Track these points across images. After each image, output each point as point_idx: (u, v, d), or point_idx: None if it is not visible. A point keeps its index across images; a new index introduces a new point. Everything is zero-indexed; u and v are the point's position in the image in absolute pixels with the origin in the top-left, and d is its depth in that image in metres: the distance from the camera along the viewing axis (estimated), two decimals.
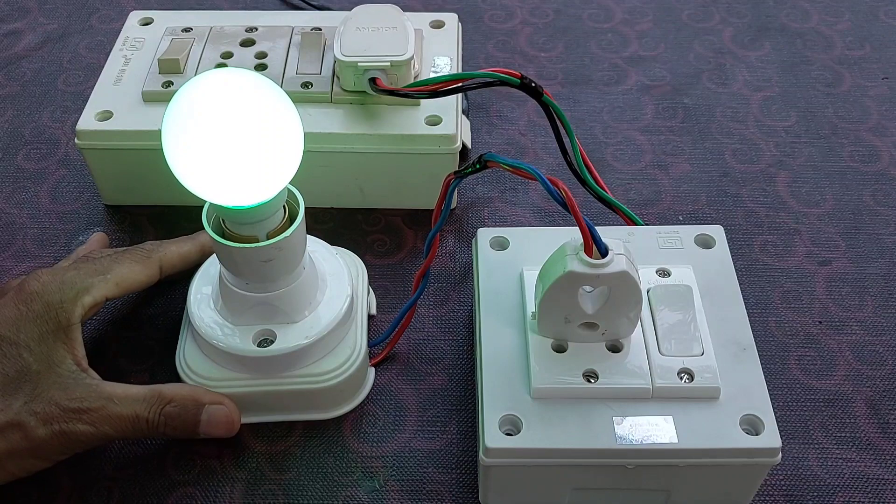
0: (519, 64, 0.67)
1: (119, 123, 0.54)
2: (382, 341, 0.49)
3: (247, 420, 0.46)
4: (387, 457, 0.46)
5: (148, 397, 0.42)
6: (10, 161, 0.60)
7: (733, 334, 0.43)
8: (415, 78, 0.54)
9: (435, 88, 0.50)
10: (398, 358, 0.49)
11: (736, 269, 0.46)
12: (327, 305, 0.46)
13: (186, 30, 0.58)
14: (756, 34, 0.70)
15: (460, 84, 0.50)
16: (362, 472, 0.45)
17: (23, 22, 0.71)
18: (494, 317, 0.44)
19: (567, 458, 0.40)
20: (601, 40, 0.69)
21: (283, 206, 0.42)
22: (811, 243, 0.55)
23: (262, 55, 0.56)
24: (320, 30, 0.58)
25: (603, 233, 0.39)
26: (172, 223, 0.56)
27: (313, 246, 0.48)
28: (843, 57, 0.68)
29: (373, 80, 0.52)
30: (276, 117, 0.38)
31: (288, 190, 0.43)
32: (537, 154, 0.60)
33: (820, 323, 0.51)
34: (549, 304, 0.41)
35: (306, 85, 0.54)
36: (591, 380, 0.41)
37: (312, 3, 0.71)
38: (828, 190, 0.58)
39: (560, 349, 0.42)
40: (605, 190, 0.52)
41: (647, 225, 0.52)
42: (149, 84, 0.55)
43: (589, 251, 0.38)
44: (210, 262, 0.48)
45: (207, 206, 0.42)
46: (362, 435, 0.46)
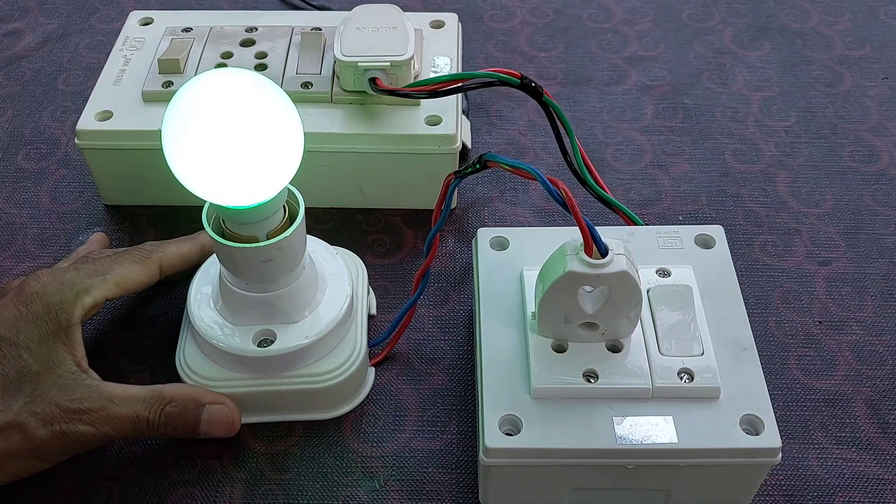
0: (519, 64, 0.67)
1: (119, 123, 0.54)
2: (382, 341, 0.49)
3: (247, 420, 0.46)
4: (387, 457, 0.46)
5: (148, 397, 0.42)
6: (10, 161, 0.60)
7: (733, 334, 0.43)
8: (415, 78, 0.54)
9: (435, 88, 0.50)
10: (398, 358, 0.49)
11: (736, 269, 0.46)
12: (327, 305, 0.46)
13: (186, 30, 0.58)
14: (756, 34, 0.70)
15: (460, 84, 0.50)
16: (362, 472, 0.45)
17: (23, 22, 0.71)
18: (494, 317, 0.44)
19: (567, 458, 0.40)
20: (601, 40, 0.69)
21: (283, 206, 0.42)
22: (811, 243, 0.55)
23: (262, 55, 0.56)
24: (320, 30, 0.58)
25: (603, 233, 0.39)
26: (172, 223, 0.56)
27: (313, 246, 0.48)
28: (843, 57, 0.68)
29: (373, 80, 0.52)
30: (276, 117, 0.38)
31: (288, 190, 0.43)
32: (537, 154, 0.60)
33: (820, 323, 0.51)
34: (549, 304, 0.41)
35: (306, 85, 0.54)
36: (591, 380, 0.41)
37: (312, 3, 0.71)
38: (828, 190, 0.58)
39: (560, 349, 0.42)
40: (605, 190, 0.52)
41: (647, 225, 0.52)
42: (149, 84, 0.55)
43: (589, 251, 0.38)
44: (210, 262, 0.48)
45: (207, 206, 0.42)
46: (362, 435, 0.46)
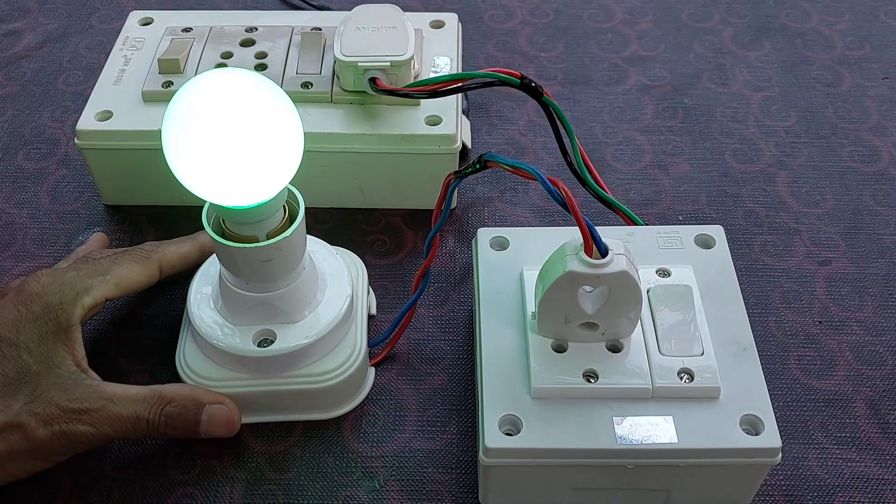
0: (519, 64, 0.67)
1: (119, 123, 0.54)
2: (382, 341, 0.49)
3: (247, 420, 0.46)
4: (387, 457, 0.46)
5: (148, 397, 0.42)
6: (10, 161, 0.60)
7: (733, 334, 0.43)
8: (415, 78, 0.54)
9: (435, 88, 0.50)
10: (398, 358, 0.49)
11: (736, 269, 0.46)
12: (327, 305, 0.46)
13: (186, 30, 0.58)
14: (756, 34, 0.70)
15: (460, 84, 0.50)
16: (362, 472, 0.45)
17: (23, 22, 0.71)
18: (494, 317, 0.44)
19: (567, 458, 0.40)
20: (601, 40, 0.69)
21: (283, 206, 0.42)
22: (811, 243, 0.55)
23: (262, 55, 0.56)
24: (320, 30, 0.58)
25: (603, 233, 0.39)
26: (172, 223, 0.56)
27: (313, 246, 0.48)
28: (843, 57, 0.68)
29: (373, 80, 0.52)
30: (276, 117, 0.38)
31: (288, 190, 0.43)
32: (537, 154, 0.60)
33: (820, 323, 0.51)
34: (549, 304, 0.41)
35: (306, 85, 0.54)
36: (591, 380, 0.41)
37: (312, 3, 0.71)
38: (828, 190, 0.58)
39: (560, 349, 0.42)
40: (605, 190, 0.52)
41: (647, 225, 0.52)
42: (149, 84, 0.55)
43: (589, 251, 0.38)
44: (210, 262, 0.48)
45: (207, 206, 0.42)
46: (362, 435, 0.46)
